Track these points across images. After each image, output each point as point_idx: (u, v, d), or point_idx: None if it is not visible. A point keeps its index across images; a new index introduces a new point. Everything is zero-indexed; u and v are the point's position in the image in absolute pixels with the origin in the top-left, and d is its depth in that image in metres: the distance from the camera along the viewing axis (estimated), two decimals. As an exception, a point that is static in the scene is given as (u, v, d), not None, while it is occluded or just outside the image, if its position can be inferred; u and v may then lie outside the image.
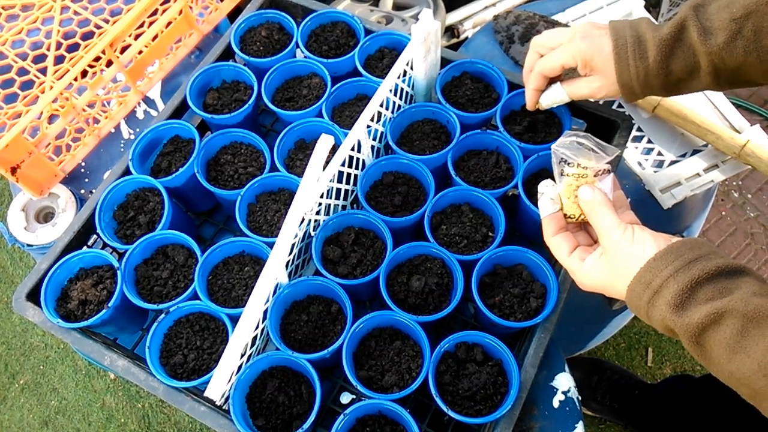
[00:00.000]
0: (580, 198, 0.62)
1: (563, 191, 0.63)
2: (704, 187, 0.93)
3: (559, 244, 0.63)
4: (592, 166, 0.63)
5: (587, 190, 0.61)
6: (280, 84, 0.90)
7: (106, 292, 0.76)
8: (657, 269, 0.53)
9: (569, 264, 0.63)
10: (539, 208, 0.65)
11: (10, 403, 1.72)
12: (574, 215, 0.63)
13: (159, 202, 0.81)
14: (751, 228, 1.73)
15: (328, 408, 0.78)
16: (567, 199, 0.63)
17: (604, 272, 0.59)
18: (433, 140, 0.84)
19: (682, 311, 0.51)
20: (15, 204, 0.98)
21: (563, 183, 0.63)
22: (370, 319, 0.71)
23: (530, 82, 0.74)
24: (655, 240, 0.55)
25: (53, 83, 0.98)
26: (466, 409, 0.68)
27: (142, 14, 0.96)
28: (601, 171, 0.63)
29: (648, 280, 0.53)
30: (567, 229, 0.65)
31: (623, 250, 0.56)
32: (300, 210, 0.68)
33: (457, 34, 1.26)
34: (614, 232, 0.57)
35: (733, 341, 0.48)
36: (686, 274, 0.51)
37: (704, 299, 0.50)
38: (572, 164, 0.63)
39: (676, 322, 0.51)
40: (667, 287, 0.52)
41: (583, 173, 0.63)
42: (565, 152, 0.63)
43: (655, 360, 1.62)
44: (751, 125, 0.95)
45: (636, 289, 0.54)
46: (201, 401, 0.69)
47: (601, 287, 0.60)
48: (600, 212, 0.59)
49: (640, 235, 0.56)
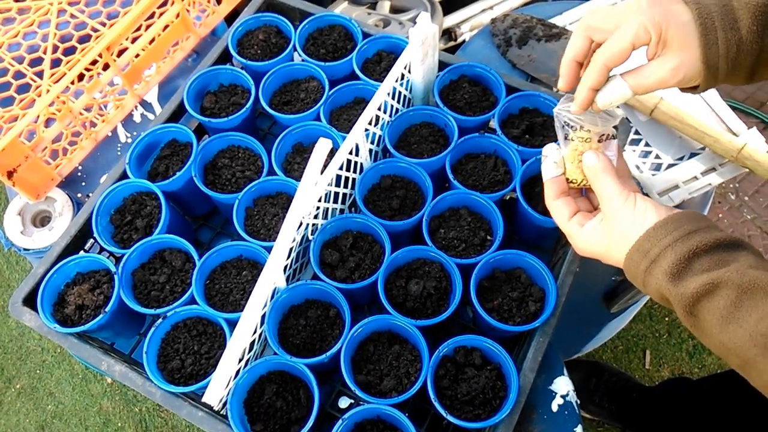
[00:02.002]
0: (584, 163, 0.61)
1: (567, 155, 0.62)
2: (702, 190, 0.93)
3: (559, 207, 0.63)
4: (596, 131, 0.61)
5: (591, 156, 0.60)
6: (277, 87, 0.90)
7: (103, 297, 0.75)
8: (656, 238, 0.53)
9: (568, 228, 0.62)
10: (542, 171, 0.64)
11: (7, 408, 1.72)
12: (576, 180, 0.63)
13: (156, 206, 0.81)
14: (748, 230, 1.74)
15: (326, 413, 0.77)
16: (571, 164, 0.62)
17: (602, 238, 0.58)
18: (431, 144, 0.84)
19: (678, 280, 0.51)
20: (11, 208, 0.97)
21: (568, 147, 0.62)
22: (369, 323, 0.71)
23: (589, 78, 0.58)
24: (656, 209, 0.55)
25: (50, 87, 0.98)
26: (465, 413, 0.67)
27: (139, 18, 0.96)
28: (606, 136, 0.62)
29: (646, 249, 0.53)
30: (568, 194, 0.64)
31: (624, 217, 0.56)
32: (298, 214, 0.68)
33: (455, 38, 1.26)
34: (616, 199, 0.57)
35: (727, 312, 0.48)
36: (684, 244, 0.51)
37: (700, 270, 0.50)
38: (576, 128, 0.61)
39: (671, 291, 0.51)
40: (665, 256, 0.52)
41: (587, 137, 0.61)
42: (569, 116, 0.61)
43: (652, 363, 1.62)
44: (748, 128, 0.96)
45: (634, 257, 0.54)
46: (198, 406, 0.69)
47: (598, 253, 0.60)
48: (603, 179, 0.58)
49: (641, 204, 0.56)
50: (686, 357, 1.61)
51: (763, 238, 1.72)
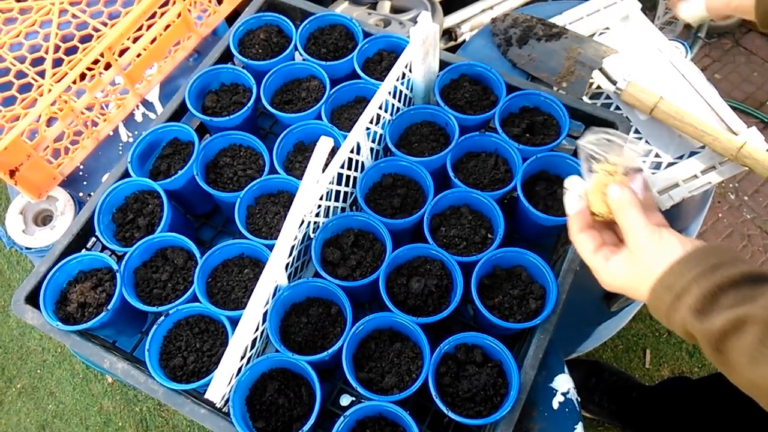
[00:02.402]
0: (609, 196, 0.60)
1: (591, 188, 0.62)
2: (702, 189, 0.94)
3: (584, 241, 0.62)
4: (621, 163, 0.60)
5: (616, 189, 0.59)
6: (278, 86, 0.90)
7: (105, 295, 0.75)
8: (680, 273, 0.52)
9: (593, 262, 0.61)
10: (566, 205, 0.64)
11: (7, 408, 1.72)
12: (601, 213, 0.61)
13: (158, 205, 0.81)
14: (748, 230, 1.74)
15: (328, 410, 0.78)
16: (594, 197, 0.61)
17: (628, 273, 0.57)
18: (431, 142, 0.84)
19: (703, 317, 0.49)
20: (13, 207, 0.97)
21: (591, 179, 0.62)
22: (370, 320, 0.71)
23: None
24: (681, 243, 0.54)
25: (51, 86, 0.98)
26: (466, 410, 0.68)
27: (141, 17, 0.96)
28: (632, 170, 0.61)
29: (671, 284, 0.52)
30: (593, 227, 0.63)
31: (649, 251, 0.55)
32: (299, 212, 0.68)
33: (455, 38, 1.26)
34: (641, 233, 0.56)
35: (755, 349, 0.47)
36: (710, 279, 0.50)
37: (727, 305, 0.49)
38: (601, 161, 0.61)
39: (696, 327, 0.50)
40: (690, 292, 0.51)
41: (612, 170, 0.60)
42: (594, 148, 0.61)
43: (652, 362, 1.62)
44: (747, 127, 0.96)
45: (658, 291, 0.53)
46: (201, 404, 0.69)
47: (624, 288, 0.58)
48: (628, 212, 0.58)
49: (667, 238, 0.55)
50: (686, 356, 1.61)
51: (763, 237, 1.73)
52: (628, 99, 0.95)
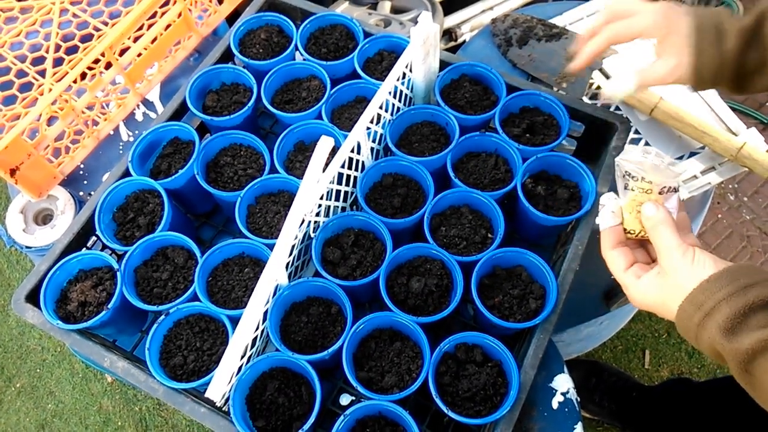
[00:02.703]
0: (643, 214, 0.60)
1: (626, 205, 0.62)
2: (701, 189, 0.94)
3: (615, 258, 0.62)
4: (657, 182, 0.60)
5: (651, 207, 0.59)
6: (279, 86, 0.90)
7: (105, 294, 0.75)
8: (710, 291, 0.52)
9: (624, 279, 0.61)
10: (599, 221, 0.64)
11: (7, 407, 1.72)
12: (635, 231, 0.62)
13: (159, 204, 0.81)
14: (747, 230, 1.74)
15: (328, 409, 0.78)
16: (629, 214, 0.62)
17: (659, 291, 0.57)
18: (432, 142, 0.84)
19: (732, 336, 0.49)
20: (13, 206, 0.97)
21: (627, 197, 0.62)
22: (370, 320, 0.71)
23: (592, 44, 0.71)
24: (714, 263, 0.54)
25: (52, 85, 0.98)
26: (466, 410, 0.68)
27: (141, 17, 0.96)
28: (667, 189, 0.61)
29: (700, 302, 0.52)
30: (625, 244, 0.63)
31: (681, 271, 0.55)
32: (300, 211, 0.68)
33: (455, 38, 1.26)
34: (675, 253, 0.56)
35: None
36: (740, 298, 0.50)
37: (756, 326, 0.49)
38: (637, 178, 0.61)
39: (725, 346, 0.50)
40: (719, 310, 0.50)
41: (647, 188, 0.61)
42: (631, 166, 0.61)
43: (652, 362, 1.62)
44: (747, 128, 0.96)
45: (687, 309, 0.53)
46: (201, 403, 0.69)
47: (654, 307, 0.58)
48: (662, 231, 0.58)
49: (699, 257, 0.55)
50: (685, 357, 1.61)
51: (762, 238, 1.73)
52: (628, 99, 0.96)
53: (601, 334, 1.23)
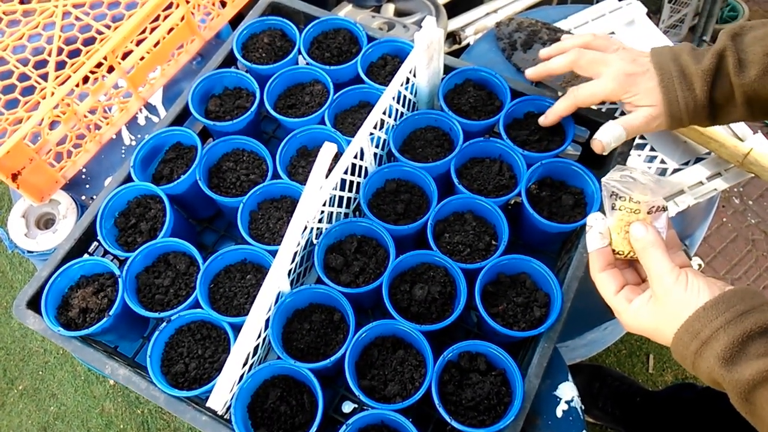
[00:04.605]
0: (632, 235, 0.59)
1: (613, 226, 0.61)
2: (707, 195, 0.93)
3: (605, 281, 0.61)
4: (645, 201, 0.60)
5: (640, 228, 0.58)
6: (282, 91, 0.90)
7: (107, 300, 0.75)
8: (707, 319, 0.51)
9: (615, 304, 0.60)
10: (587, 242, 0.63)
11: (9, 409, 1.72)
12: (623, 252, 0.61)
13: (161, 210, 0.80)
14: (752, 234, 1.73)
15: (330, 417, 0.77)
16: (617, 235, 0.61)
17: (652, 317, 0.56)
18: (435, 148, 0.84)
19: (731, 366, 0.49)
20: (15, 210, 0.97)
21: (614, 217, 0.61)
22: (373, 328, 0.71)
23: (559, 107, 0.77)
24: (708, 288, 0.53)
25: (54, 89, 0.98)
26: (470, 419, 0.67)
27: (144, 20, 0.96)
28: (655, 208, 0.60)
29: (697, 330, 0.51)
30: (614, 266, 0.62)
31: (675, 296, 0.54)
32: (303, 218, 0.68)
33: (459, 41, 1.25)
34: (667, 277, 0.55)
35: None
36: (738, 326, 0.49)
37: (756, 354, 0.48)
38: (624, 198, 0.60)
39: (725, 376, 0.49)
40: (717, 339, 0.50)
41: (635, 208, 0.60)
42: (617, 186, 0.60)
43: (656, 367, 1.61)
44: (753, 133, 0.95)
45: (683, 338, 0.52)
46: (202, 410, 0.69)
47: (647, 331, 0.58)
48: (652, 254, 0.57)
49: (693, 282, 0.54)
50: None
51: (768, 242, 1.72)
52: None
53: (605, 339, 1.23)
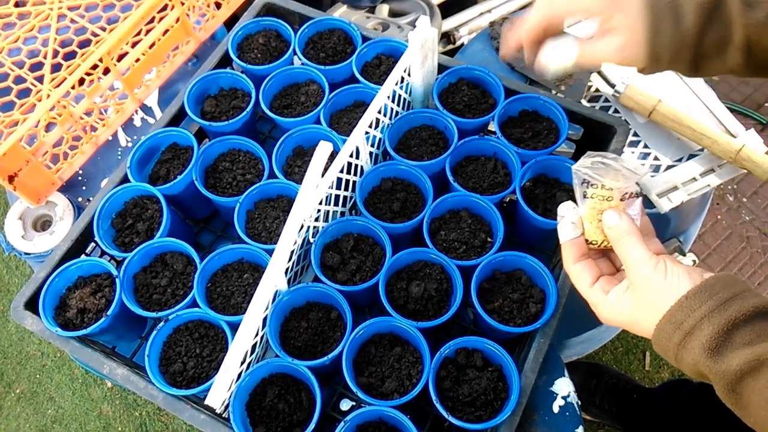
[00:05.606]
0: (605, 223, 0.57)
1: (586, 215, 0.58)
2: (701, 192, 0.94)
3: (579, 272, 0.58)
4: (618, 187, 0.57)
5: (613, 215, 0.56)
6: (277, 91, 0.90)
7: (104, 301, 0.75)
8: (690, 308, 0.49)
9: (591, 296, 0.58)
10: (559, 233, 0.60)
11: (6, 413, 1.71)
12: (597, 241, 0.58)
13: (157, 210, 0.81)
14: (747, 231, 1.74)
15: (328, 415, 0.78)
16: (590, 224, 0.58)
17: (630, 308, 0.54)
18: (431, 146, 0.84)
19: (717, 356, 0.47)
20: (12, 212, 0.97)
21: (585, 206, 0.58)
22: (370, 325, 0.71)
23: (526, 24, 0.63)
24: (689, 276, 0.51)
25: (50, 91, 0.98)
26: (467, 414, 0.68)
27: (140, 22, 0.96)
28: (629, 194, 0.58)
29: (679, 320, 0.49)
30: (588, 256, 0.59)
31: (654, 285, 0.52)
32: (299, 217, 0.68)
33: (453, 41, 1.26)
34: (644, 266, 0.53)
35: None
36: (722, 314, 0.47)
37: (742, 343, 0.46)
38: (596, 185, 0.57)
39: (711, 367, 0.47)
40: (701, 329, 0.48)
41: (608, 195, 0.57)
42: (589, 173, 0.57)
43: (652, 364, 1.62)
44: (746, 129, 0.96)
45: (665, 329, 0.50)
46: (201, 409, 0.69)
47: (625, 323, 0.55)
48: (628, 242, 0.55)
49: (673, 270, 0.52)
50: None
51: (762, 239, 1.73)
52: (626, 102, 0.96)
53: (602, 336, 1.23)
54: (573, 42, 0.61)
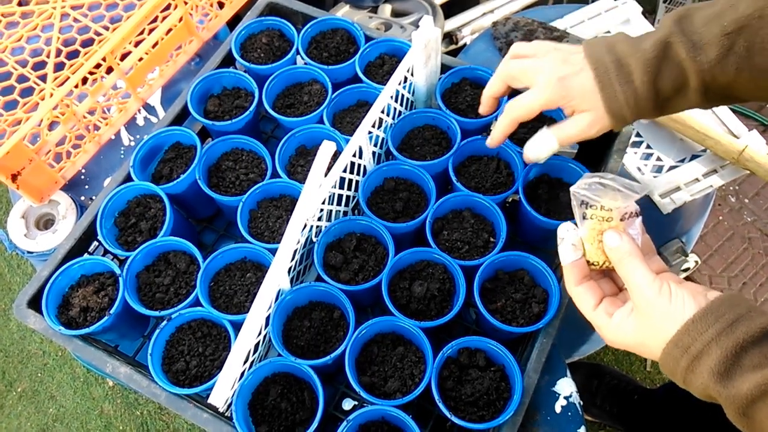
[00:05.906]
0: (606, 245, 0.56)
1: (586, 236, 0.58)
2: (703, 192, 0.94)
3: (583, 296, 0.58)
4: (617, 207, 0.57)
5: (614, 236, 0.56)
6: (280, 90, 0.91)
7: (107, 299, 0.75)
8: (696, 332, 0.48)
9: (595, 319, 0.57)
10: (560, 256, 0.60)
11: (8, 411, 1.71)
12: (598, 262, 0.58)
13: (160, 209, 0.81)
14: (749, 232, 1.74)
15: (330, 414, 0.78)
16: (590, 245, 0.58)
17: (635, 331, 0.53)
18: (433, 146, 0.84)
19: (727, 380, 0.46)
20: (15, 211, 0.97)
21: (585, 227, 0.58)
22: (373, 324, 0.71)
23: (501, 126, 0.69)
24: (694, 298, 0.51)
25: (53, 90, 0.98)
26: (469, 414, 0.68)
27: (143, 21, 0.96)
28: (628, 214, 0.58)
29: (686, 344, 0.49)
30: (591, 278, 0.59)
31: (658, 308, 0.51)
32: (302, 216, 0.68)
33: (456, 41, 1.26)
34: (648, 289, 0.52)
35: None
36: (729, 337, 0.47)
37: (751, 366, 0.46)
38: (595, 206, 0.57)
39: (720, 392, 0.47)
40: (708, 354, 0.47)
41: (607, 216, 0.57)
42: (586, 194, 0.57)
43: (653, 365, 1.62)
44: (748, 130, 0.96)
45: (673, 352, 0.50)
46: (203, 408, 0.69)
47: (631, 346, 0.55)
48: (630, 264, 0.54)
49: (677, 293, 0.51)
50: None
51: (764, 240, 1.73)
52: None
53: (603, 336, 1.23)
54: (549, 132, 0.66)
